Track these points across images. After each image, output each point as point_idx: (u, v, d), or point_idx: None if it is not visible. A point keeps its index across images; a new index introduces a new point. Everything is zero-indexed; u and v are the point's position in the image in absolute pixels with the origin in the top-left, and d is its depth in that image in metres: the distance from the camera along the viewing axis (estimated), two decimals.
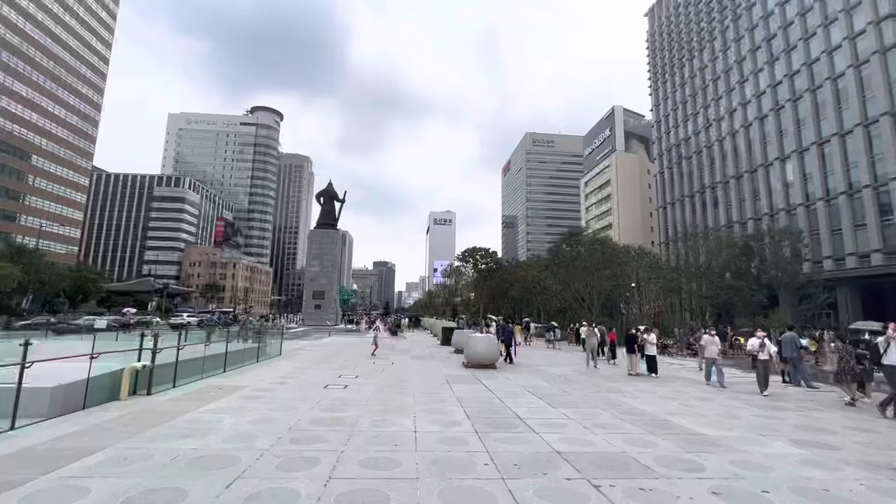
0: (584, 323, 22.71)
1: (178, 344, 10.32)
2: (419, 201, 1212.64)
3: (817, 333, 26.11)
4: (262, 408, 8.16)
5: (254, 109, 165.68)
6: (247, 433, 6.40)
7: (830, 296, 38.60)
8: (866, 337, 15.92)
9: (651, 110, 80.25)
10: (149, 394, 8.96)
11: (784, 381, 13.66)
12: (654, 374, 14.58)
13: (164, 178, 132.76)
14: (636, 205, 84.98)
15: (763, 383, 11.57)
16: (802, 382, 13.07)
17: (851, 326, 14.98)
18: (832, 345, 19.60)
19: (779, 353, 14.35)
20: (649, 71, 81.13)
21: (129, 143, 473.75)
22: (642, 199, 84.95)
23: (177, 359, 10.10)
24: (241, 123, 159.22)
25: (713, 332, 14.96)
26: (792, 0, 50.53)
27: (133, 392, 8.84)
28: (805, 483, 4.96)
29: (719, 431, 7.30)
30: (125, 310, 43.35)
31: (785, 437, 7.03)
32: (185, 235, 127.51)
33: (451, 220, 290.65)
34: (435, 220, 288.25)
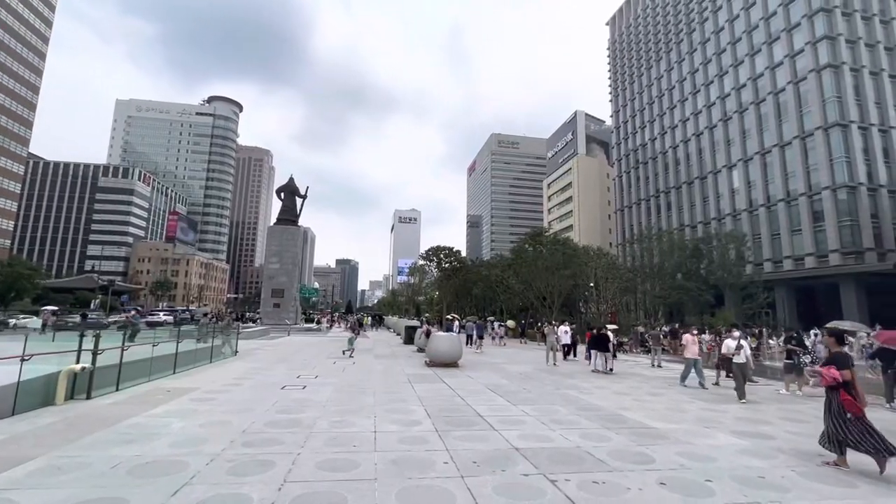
0: (564, 322, 23.23)
1: (123, 344, 9.72)
2: (384, 198, 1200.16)
3: (757, 331, 27.93)
4: (215, 410, 7.82)
5: (211, 99, 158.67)
6: (196, 437, 6.11)
7: (769, 296, 41.41)
8: (797, 334, 17.19)
9: (611, 116, 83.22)
10: (88, 398, 8.38)
11: (727, 376, 14.50)
12: (610, 371, 15.12)
13: (111, 168, 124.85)
14: (596, 207, 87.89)
15: (742, 389, 10.39)
16: (754, 378, 13.93)
17: (828, 325, 15.93)
18: (770, 341, 21.03)
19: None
20: (610, 78, 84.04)
21: (71, 129, 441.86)
22: (602, 201, 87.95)
23: (121, 360, 9.51)
24: (197, 113, 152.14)
25: (695, 331, 14.45)
26: (740, 17, 53.78)
27: (71, 396, 8.25)
28: (744, 472, 5.29)
29: (668, 424, 7.66)
30: (43, 308, 39.67)
31: (727, 429, 7.47)
32: (133, 230, 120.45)
33: (416, 219, 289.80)
34: (400, 218, 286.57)
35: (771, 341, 22.89)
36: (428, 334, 21.72)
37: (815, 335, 20.59)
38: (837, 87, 42.41)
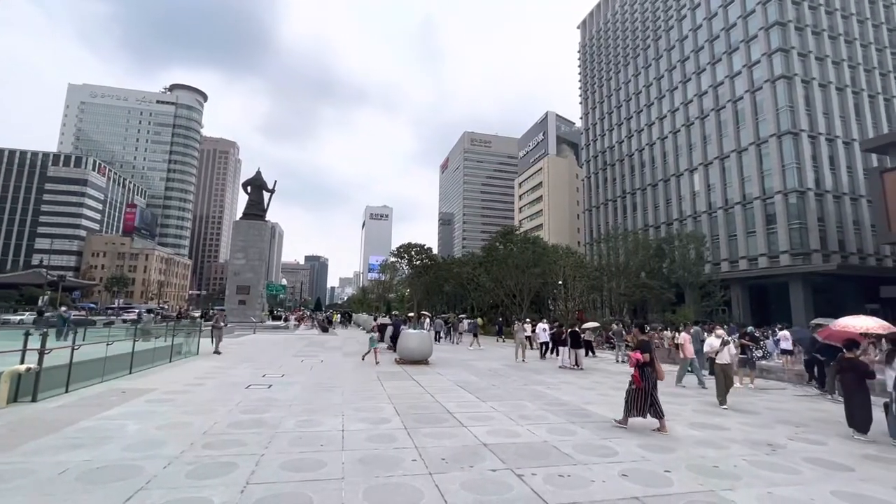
0: (543, 320, 23.41)
1: (73, 343, 9.19)
2: (354, 194, 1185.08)
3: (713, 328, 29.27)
4: (174, 412, 7.51)
5: (173, 87, 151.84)
6: (153, 440, 5.85)
7: (726, 294, 43.50)
8: (749, 329, 18.17)
9: (581, 118, 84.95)
10: (34, 400, 7.88)
11: (687, 371, 15.13)
12: (577, 367, 15.49)
13: (62, 156, 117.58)
14: (565, 206, 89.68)
15: (723, 392, 9.35)
16: (704, 372, 14.53)
17: (813, 322, 16.62)
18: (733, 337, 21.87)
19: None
20: (580, 80, 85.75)
21: (17, 114, 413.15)
22: (571, 201, 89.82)
23: (71, 360, 8.98)
24: (158, 101, 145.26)
25: (692, 330, 14.13)
26: (703, 27, 55.98)
27: (14, 399, 7.73)
28: (700, 461, 5.54)
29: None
30: None
31: (686, 421, 7.80)
32: (86, 222, 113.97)
33: (387, 215, 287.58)
34: (371, 214, 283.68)
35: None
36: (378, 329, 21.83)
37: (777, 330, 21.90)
38: (790, 97, 44.82)
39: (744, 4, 50.33)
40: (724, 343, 9.60)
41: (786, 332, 17.82)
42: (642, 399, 7.09)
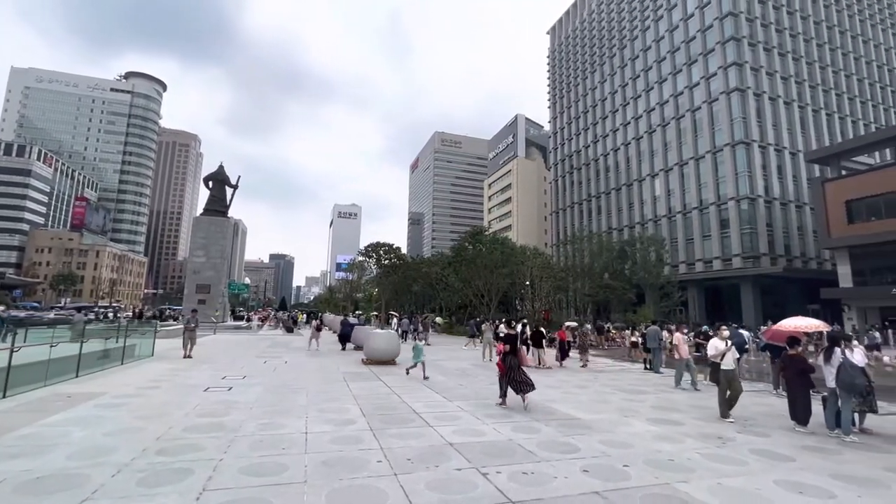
0: (523, 320, 23.35)
1: (12, 346, 8.56)
2: (322, 191, 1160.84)
3: (672, 327, 30.53)
4: (125, 417, 7.13)
5: (129, 75, 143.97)
6: (101, 447, 5.53)
7: (683, 294, 45.46)
8: (704, 328, 19.11)
9: (549, 122, 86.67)
10: None
11: (646, 369, 15.73)
12: (541, 366, 15.78)
13: (3, 144, 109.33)
14: (533, 208, 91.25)
15: (726, 402, 8.12)
16: (661, 370, 15.16)
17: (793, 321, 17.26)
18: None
19: (643, 343, 16.50)
20: (549, 85, 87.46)
21: None
22: (539, 203, 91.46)
23: (9, 363, 8.37)
24: (112, 89, 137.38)
25: (685, 330, 13.68)
26: (665, 39, 58.29)
27: None
28: (656, 456, 5.77)
29: (593, 415, 8.15)
30: None
31: (644, 417, 8.09)
32: (30, 216, 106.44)
33: (356, 214, 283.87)
34: (339, 212, 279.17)
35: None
36: (319, 329, 21.80)
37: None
38: (743, 108, 47.38)
39: (703, 19, 52.82)
40: (729, 346, 8.39)
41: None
42: (506, 381, 8.75)
